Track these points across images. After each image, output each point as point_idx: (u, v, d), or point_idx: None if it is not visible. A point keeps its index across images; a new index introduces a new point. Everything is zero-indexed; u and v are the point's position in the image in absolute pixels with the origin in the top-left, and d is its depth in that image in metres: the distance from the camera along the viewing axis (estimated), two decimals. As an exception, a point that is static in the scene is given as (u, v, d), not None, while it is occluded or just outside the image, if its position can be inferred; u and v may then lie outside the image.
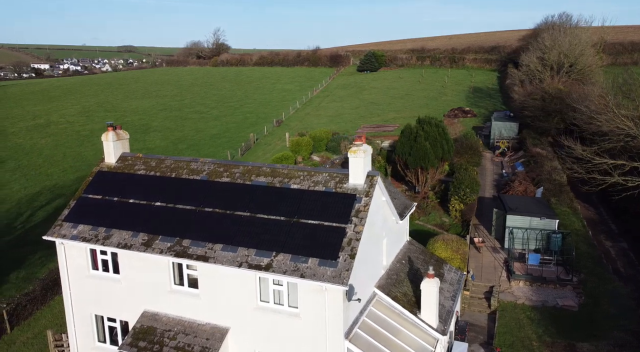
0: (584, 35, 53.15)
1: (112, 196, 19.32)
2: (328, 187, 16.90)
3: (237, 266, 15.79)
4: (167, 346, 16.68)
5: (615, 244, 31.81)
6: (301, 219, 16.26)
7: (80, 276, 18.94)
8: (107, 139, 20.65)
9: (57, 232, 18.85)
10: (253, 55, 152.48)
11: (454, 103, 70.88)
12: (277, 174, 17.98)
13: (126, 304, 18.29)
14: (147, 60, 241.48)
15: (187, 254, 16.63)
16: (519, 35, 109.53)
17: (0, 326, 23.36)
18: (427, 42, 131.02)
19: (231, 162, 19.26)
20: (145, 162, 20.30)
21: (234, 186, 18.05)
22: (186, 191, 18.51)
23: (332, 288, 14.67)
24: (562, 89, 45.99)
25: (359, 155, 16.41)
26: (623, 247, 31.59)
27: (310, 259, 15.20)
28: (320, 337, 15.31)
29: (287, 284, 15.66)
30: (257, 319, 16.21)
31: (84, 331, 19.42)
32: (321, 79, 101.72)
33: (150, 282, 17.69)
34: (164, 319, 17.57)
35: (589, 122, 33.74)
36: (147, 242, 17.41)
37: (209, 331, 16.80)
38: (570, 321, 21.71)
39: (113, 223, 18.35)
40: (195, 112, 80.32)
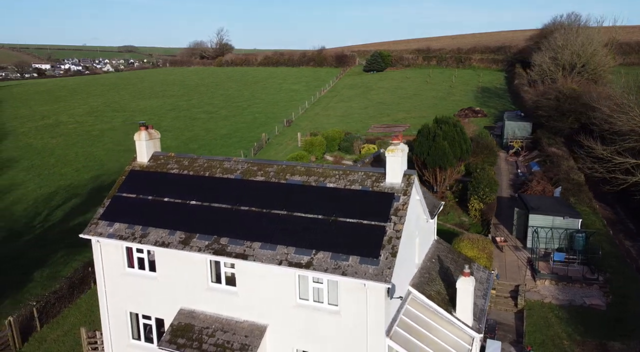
0: (596, 35, 53.22)
1: (147, 195, 19.48)
2: (365, 186, 17.04)
3: (277, 264, 15.93)
4: (206, 343, 16.83)
5: (635, 243, 31.90)
6: (339, 218, 16.40)
7: (116, 273, 19.10)
8: (140, 139, 20.80)
9: (94, 231, 19.00)
10: (258, 56, 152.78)
11: (463, 103, 71.01)
12: (312, 173, 18.12)
13: (162, 301, 18.44)
14: (148, 60, 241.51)
15: (225, 252, 16.77)
16: (525, 35, 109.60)
17: (30, 324, 23.50)
18: (432, 42, 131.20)
19: (265, 161, 19.41)
20: (178, 161, 20.45)
21: (269, 184, 18.19)
22: (221, 190, 18.65)
23: (374, 286, 14.81)
24: (577, 89, 46.10)
25: (397, 154, 16.56)
26: (631, 246, 31.70)
27: (351, 257, 15.34)
28: (361, 334, 15.45)
29: (327, 282, 15.80)
30: (296, 317, 16.35)
31: (119, 328, 19.58)
32: (328, 79, 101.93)
33: (187, 280, 17.84)
34: (201, 316, 17.72)
35: (609, 122, 33.84)
36: (184, 240, 17.56)
37: (247, 329, 16.95)
38: (598, 320, 21.84)
39: (149, 221, 18.51)
40: (204, 112, 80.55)
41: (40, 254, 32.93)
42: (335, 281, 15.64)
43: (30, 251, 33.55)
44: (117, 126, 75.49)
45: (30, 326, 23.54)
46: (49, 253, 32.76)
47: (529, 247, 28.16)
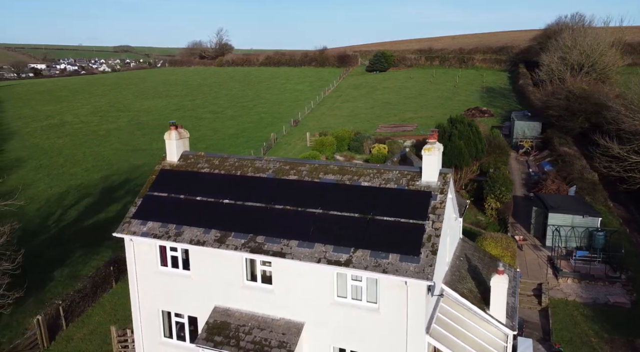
0: (604, 35, 53.56)
1: (179, 194, 19.58)
2: (400, 185, 17.19)
3: (316, 262, 16.06)
4: (243, 341, 16.94)
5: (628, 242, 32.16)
6: (376, 216, 16.54)
7: (149, 272, 19.19)
8: (170, 138, 20.92)
9: (127, 229, 19.08)
10: (259, 56, 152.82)
11: (468, 103, 71.24)
12: (346, 172, 18.26)
13: (196, 300, 18.54)
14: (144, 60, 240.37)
15: (262, 250, 16.89)
16: (528, 35, 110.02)
17: (57, 323, 23.56)
18: (433, 43, 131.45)
19: (296, 161, 19.55)
20: (208, 161, 20.56)
21: (303, 183, 18.32)
22: (254, 189, 18.76)
23: (415, 283, 14.95)
24: (586, 89, 46.37)
25: (434, 153, 16.72)
26: None
27: (391, 255, 15.48)
28: (400, 331, 15.59)
29: (366, 280, 15.94)
30: (334, 314, 16.47)
31: (150, 326, 19.67)
32: (331, 79, 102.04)
33: (222, 278, 17.94)
34: (236, 314, 17.82)
35: (624, 121, 34.06)
36: (220, 238, 17.66)
37: (284, 326, 17.07)
38: (624, 317, 22.06)
39: (183, 220, 18.61)
40: (210, 112, 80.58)
41: (57, 253, 32.95)
42: (374, 279, 15.78)
43: (47, 251, 33.55)
44: (123, 126, 75.45)
45: (56, 325, 23.60)
46: (67, 252, 32.79)
47: (548, 246, 28.36)
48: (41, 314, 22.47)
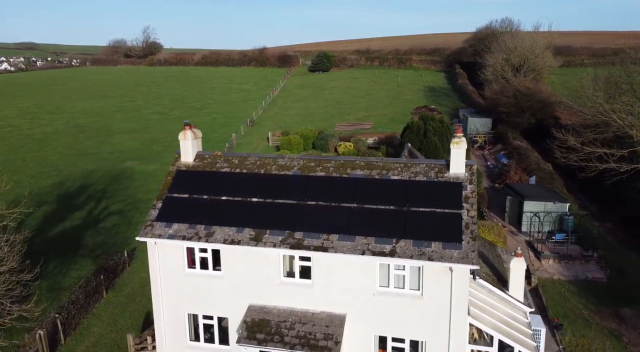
0: (540, 39, 58.29)
1: (201, 194, 19.33)
2: (429, 177, 18.17)
3: (360, 254, 16.64)
4: (287, 336, 17.15)
5: (602, 224, 35.77)
6: (412, 208, 17.41)
7: (175, 275, 18.78)
8: (185, 138, 20.54)
9: (151, 233, 18.56)
10: (194, 55, 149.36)
11: (414, 102, 74.45)
12: (373, 167, 18.97)
13: (228, 300, 18.42)
14: (53, 58, 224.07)
15: (303, 246, 17.19)
16: (460, 38, 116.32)
17: (54, 337, 22.25)
18: (370, 43, 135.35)
19: (320, 158, 19.96)
20: (227, 160, 20.43)
21: (333, 179, 18.79)
22: (282, 186, 18.96)
23: (461, 268, 15.98)
24: (531, 88, 50.31)
25: (461, 146, 17.85)
26: (609, 227, 35.61)
27: (434, 244, 16.40)
28: (443, 315, 16.54)
29: (408, 268, 16.74)
30: (376, 304, 17.12)
31: (175, 330, 19.25)
32: (275, 79, 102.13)
33: (257, 276, 17.99)
34: (274, 311, 17.96)
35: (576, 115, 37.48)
36: (255, 237, 17.72)
37: (325, 319, 17.46)
38: (604, 291, 24.57)
39: (212, 220, 18.43)
40: (155, 112, 77.91)
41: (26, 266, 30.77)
42: (416, 267, 16.61)
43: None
44: (61, 129, 71.10)
45: (54, 339, 22.29)
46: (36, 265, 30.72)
47: (524, 231, 30.74)
48: (43, 329, 21.15)
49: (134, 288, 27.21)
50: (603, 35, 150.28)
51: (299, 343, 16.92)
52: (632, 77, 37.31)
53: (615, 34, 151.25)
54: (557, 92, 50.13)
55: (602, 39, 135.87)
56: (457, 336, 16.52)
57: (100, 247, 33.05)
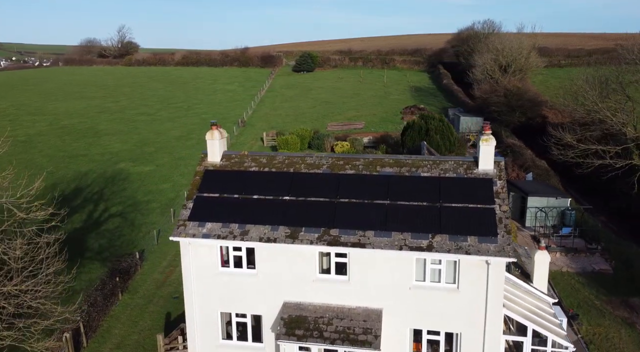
0: (526, 40, 59.92)
1: (232, 193, 19.42)
2: (459, 174, 18.70)
3: (398, 249, 17.03)
4: (326, 331, 17.42)
5: (596, 218, 37.06)
6: (445, 204, 17.89)
7: (208, 274, 18.83)
8: (213, 138, 20.57)
9: (184, 232, 18.57)
10: (174, 55, 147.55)
11: (402, 101, 75.39)
12: (402, 164, 19.40)
13: (262, 297, 18.58)
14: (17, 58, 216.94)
15: (340, 242, 17.48)
16: (440, 38, 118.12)
17: (77, 339, 21.99)
18: (352, 44, 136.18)
19: (349, 156, 20.30)
20: (255, 159, 20.57)
21: (363, 177, 19.13)
22: (313, 184, 19.21)
23: (497, 261, 16.53)
24: (520, 87, 51.66)
25: (491, 143, 18.44)
26: (603, 220, 36.92)
27: (469, 238, 16.91)
28: (479, 308, 17.05)
29: (445, 262, 17.21)
30: (412, 298, 17.53)
31: (208, 329, 19.30)
32: (260, 79, 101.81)
33: (292, 273, 18.20)
34: (310, 307, 18.20)
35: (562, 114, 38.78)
36: (291, 234, 17.93)
37: (362, 314, 17.80)
38: (611, 281, 25.58)
39: (245, 219, 18.55)
40: (142, 114, 76.78)
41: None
42: (452, 261, 17.09)
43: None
44: (45, 131, 69.52)
45: (77, 342, 22.02)
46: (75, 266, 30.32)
47: (528, 227, 31.68)
48: (68, 331, 20.89)
49: (149, 290, 27.02)
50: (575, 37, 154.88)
51: (338, 338, 17.22)
52: (622, 76, 38.76)
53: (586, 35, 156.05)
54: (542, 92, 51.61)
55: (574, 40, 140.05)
56: (492, 327, 17.07)
57: (106, 250, 32.64)
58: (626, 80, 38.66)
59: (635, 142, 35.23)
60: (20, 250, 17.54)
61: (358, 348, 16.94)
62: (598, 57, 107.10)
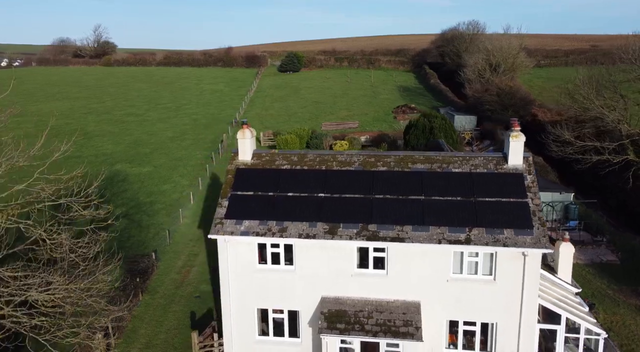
0: (515, 41, 61.49)
1: (266, 191, 19.64)
2: (489, 169, 19.32)
3: (437, 243, 17.54)
4: (367, 325, 17.80)
5: (594, 212, 38.37)
6: (479, 198, 18.48)
7: (246, 271, 19.01)
8: (244, 137, 20.76)
9: (222, 230, 18.71)
10: (155, 55, 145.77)
11: (392, 101, 76.28)
12: (433, 161, 19.92)
13: (300, 293, 18.85)
14: None
15: (378, 237, 17.90)
16: (424, 38, 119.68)
17: (106, 341, 21.82)
18: (336, 44, 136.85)
19: (379, 153, 20.72)
20: (285, 157, 20.82)
21: (396, 173, 19.58)
22: (346, 181, 19.58)
23: (533, 253, 17.18)
24: (512, 86, 53.00)
25: (520, 139, 19.12)
26: (600, 214, 38.24)
27: (506, 230, 17.53)
28: (515, 298, 17.67)
29: (482, 255, 17.78)
30: (449, 290, 18.05)
31: (244, 326, 19.47)
32: (245, 79, 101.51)
33: (331, 268, 18.52)
34: (348, 301, 18.55)
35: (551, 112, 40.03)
36: (330, 230, 18.26)
37: (401, 307, 18.24)
38: (620, 271, 26.65)
39: (282, 216, 18.80)
40: (129, 114, 75.74)
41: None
42: (489, 253, 17.69)
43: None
44: (32, 132, 67.79)
45: (105, 344, 21.85)
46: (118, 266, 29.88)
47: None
48: (99, 333, 20.74)
49: (169, 290, 26.92)
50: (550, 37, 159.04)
51: (380, 330, 17.62)
52: (615, 76, 40.21)
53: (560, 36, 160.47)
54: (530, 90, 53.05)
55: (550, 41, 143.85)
56: (528, 317, 17.72)
57: (118, 251, 32.26)
58: (618, 79, 40.12)
59: (630, 138, 36.63)
60: (83, 248, 17.48)
61: (400, 340, 17.38)
62: (575, 57, 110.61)
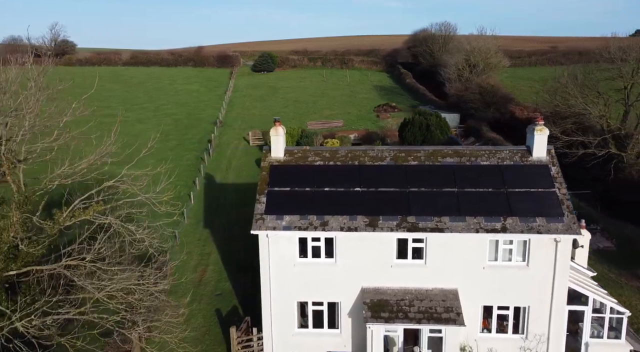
0: (492, 42, 63.87)
1: (303, 186, 20.06)
2: (515, 162, 20.39)
3: (475, 232, 18.44)
4: (410, 312, 18.49)
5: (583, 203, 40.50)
6: (509, 189, 19.51)
7: (287, 265, 19.36)
8: (278, 134, 21.12)
9: (264, 226, 19.00)
10: (121, 54, 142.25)
11: (372, 100, 77.51)
12: (462, 154, 20.85)
13: (341, 285, 19.35)
14: None
15: (419, 228, 18.64)
16: (395, 39, 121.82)
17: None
18: (307, 44, 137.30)
19: (410, 148, 21.50)
20: (317, 154, 21.29)
21: (430, 167, 20.38)
22: (381, 176, 20.24)
23: (565, 239, 18.32)
24: (493, 85, 55.07)
25: (544, 133, 20.27)
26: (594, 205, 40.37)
27: (538, 219, 18.60)
28: (547, 282, 18.74)
29: (516, 242, 18.79)
30: (485, 277, 18.97)
31: (284, 319, 19.82)
32: (220, 79, 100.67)
33: (371, 260, 19.12)
34: (388, 291, 19.21)
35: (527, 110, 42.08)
36: (370, 223, 18.87)
37: (440, 294, 19.04)
38: (617, 257, 28.45)
39: (321, 210, 19.27)
40: (106, 115, 73.60)
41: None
42: (523, 241, 18.72)
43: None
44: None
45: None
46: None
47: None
48: (139, 328, 20.60)
49: (187, 289, 26.77)
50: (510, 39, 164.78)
51: (423, 317, 18.36)
52: (593, 74, 42.58)
53: (519, 38, 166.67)
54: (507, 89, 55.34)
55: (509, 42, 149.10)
56: (558, 299, 18.86)
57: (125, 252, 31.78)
58: (596, 77, 42.51)
59: (611, 133, 38.94)
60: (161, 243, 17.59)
61: (443, 325, 18.16)
62: (537, 58, 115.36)
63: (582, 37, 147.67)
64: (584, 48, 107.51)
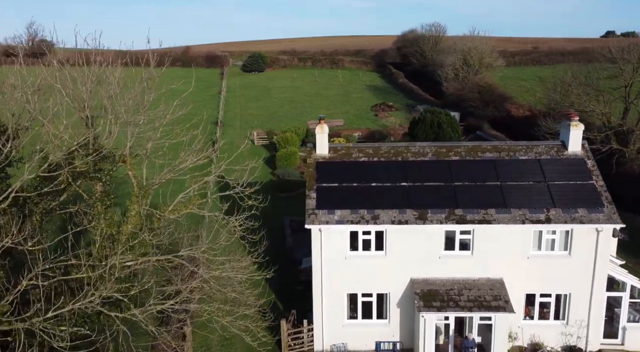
0: (487, 43, 65.42)
1: (350, 182, 20.61)
2: (552, 156, 21.30)
3: (521, 223, 19.24)
4: (460, 301, 19.18)
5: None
6: (550, 182, 20.39)
7: (338, 258, 19.85)
8: (322, 132, 21.60)
9: (317, 220, 19.46)
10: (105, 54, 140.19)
11: (367, 99, 78.40)
12: (501, 149, 21.66)
13: (390, 276, 19.93)
14: None
15: (467, 221, 19.36)
16: (384, 39, 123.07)
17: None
18: (295, 44, 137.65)
19: (450, 144, 22.25)
20: (361, 150, 21.85)
21: (471, 162, 21.14)
22: (425, 171, 20.92)
23: (606, 228, 19.25)
24: (492, 84, 56.43)
25: (580, 128, 21.22)
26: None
27: (580, 210, 19.51)
28: (588, 269, 19.65)
29: (559, 232, 19.66)
30: (529, 266, 19.77)
31: (334, 311, 20.31)
32: (210, 79, 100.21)
33: (420, 251, 19.74)
34: (437, 281, 19.87)
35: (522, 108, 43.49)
36: (419, 216, 19.51)
37: (487, 284, 19.78)
38: (631, 248, 29.60)
39: (372, 205, 19.84)
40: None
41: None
42: (565, 231, 19.59)
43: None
44: None
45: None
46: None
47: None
48: (186, 327, 20.83)
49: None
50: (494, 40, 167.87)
51: (474, 305, 19.07)
52: (594, 73, 44.10)
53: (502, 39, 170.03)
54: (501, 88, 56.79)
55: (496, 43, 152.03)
56: (599, 286, 19.80)
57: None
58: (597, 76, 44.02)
59: (613, 129, 40.46)
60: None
61: (493, 312, 18.90)
62: (521, 58, 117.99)
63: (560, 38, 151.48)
64: (564, 49, 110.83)
